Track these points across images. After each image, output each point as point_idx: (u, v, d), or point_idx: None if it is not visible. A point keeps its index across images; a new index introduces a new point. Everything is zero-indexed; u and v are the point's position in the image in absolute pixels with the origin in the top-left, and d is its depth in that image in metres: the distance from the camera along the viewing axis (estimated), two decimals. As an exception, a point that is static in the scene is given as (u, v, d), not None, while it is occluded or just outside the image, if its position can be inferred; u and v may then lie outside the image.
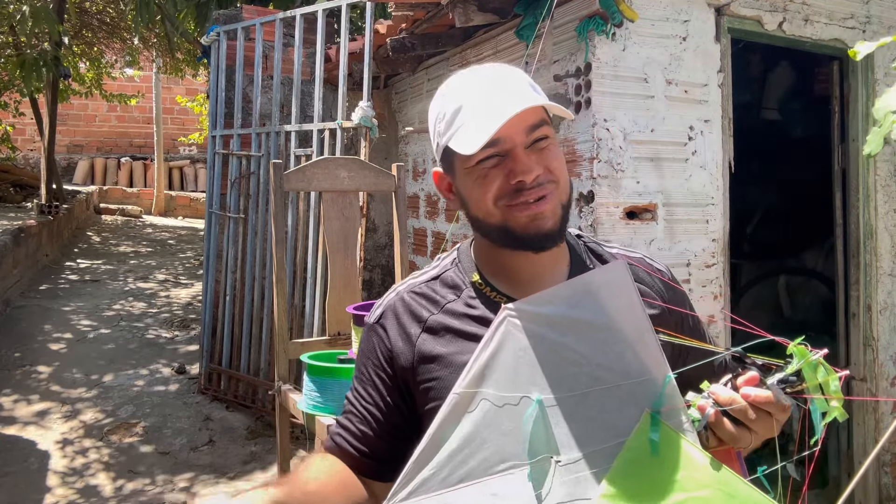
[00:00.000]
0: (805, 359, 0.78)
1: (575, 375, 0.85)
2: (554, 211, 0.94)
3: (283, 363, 2.18)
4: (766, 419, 0.81)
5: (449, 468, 0.83)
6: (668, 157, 2.57)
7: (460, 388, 0.85)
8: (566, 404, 0.84)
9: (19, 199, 8.99)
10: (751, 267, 4.45)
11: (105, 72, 9.85)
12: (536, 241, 0.94)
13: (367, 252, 4.61)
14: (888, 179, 2.99)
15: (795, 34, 2.77)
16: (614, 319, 0.86)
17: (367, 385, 1.03)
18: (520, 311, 0.86)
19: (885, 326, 2.96)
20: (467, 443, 0.83)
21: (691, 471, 0.80)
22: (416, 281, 1.06)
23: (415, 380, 0.98)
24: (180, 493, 3.22)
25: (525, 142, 0.92)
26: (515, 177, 0.91)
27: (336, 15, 3.69)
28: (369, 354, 1.04)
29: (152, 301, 6.15)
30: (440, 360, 0.97)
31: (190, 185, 11.84)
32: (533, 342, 0.85)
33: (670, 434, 0.82)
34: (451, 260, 1.07)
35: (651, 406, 0.83)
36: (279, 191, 2.19)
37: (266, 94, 4.01)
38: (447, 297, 1.01)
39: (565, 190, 0.96)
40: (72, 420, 3.90)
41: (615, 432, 0.83)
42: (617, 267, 0.89)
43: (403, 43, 3.46)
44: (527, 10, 2.72)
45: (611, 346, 0.86)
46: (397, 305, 1.03)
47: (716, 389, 0.84)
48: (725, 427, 0.82)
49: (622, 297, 0.87)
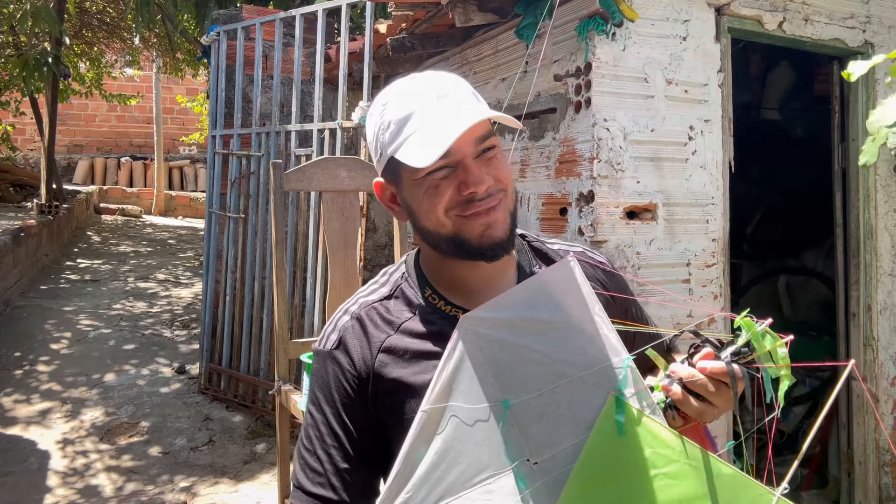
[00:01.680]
0: (752, 330, 0.82)
1: (540, 375, 0.86)
2: (504, 219, 0.94)
3: (283, 363, 2.18)
4: (724, 391, 0.85)
5: (426, 488, 0.82)
6: (668, 157, 2.57)
7: (427, 405, 0.84)
8: (535, 404, 0.85)
9: (19, 198, 8.99)
10: (751, 267, 4.45)
11: (105, 72, 9.85)
12: (489, 251, 0.94)
13: (367, 252, 4.60)
14: (888, 179, 2.99)
15: (795, 34, 2.77)
16: (570, 315, 0.88)
17: (329, 425, 0.97)
18: (477, 320, 0.86)
19: (885, 326, 2.96)
20: (441, 459, 0.83)
21: (659, 447, 0.81)
22: (368, 300, 1.03)
23: (378, 403, 0.96)
24: (180, 493, 3.22)
25: (474, 152, 0.92)
26: (467, 188, 0.91)
27: (336, 15, 3.69)
28: (330, 387, 0.98)
29: (152, 301, 6.15)
30: (401, 381, 0.95)
31: (190, 185, 11.84)
32: (494, 348, 0.86)
33: (635, 414, 0.83)
34: (401, 274, 1.05)
35: (614, 390, 0.85)
36: (279, 191, 2.19)
37: (266, 93, 4.01)
38: (402, 316, 0.99)
39: (512, 198, 0.97)
40: (72, 420, 3.90)
41: (586, 425, 0.84)
42: (566, 264, 0.90)
43: (403, 43, 3.46)
44: (527, 10, 2.72)
45: (570, 341, 0.87)
46: (353, 327, 1.00)
47: (675, 368, 0.88)
48: (690, 403, 0.85)
49: (575, 292, 0.89)
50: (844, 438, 3.01)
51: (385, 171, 0.99)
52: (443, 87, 0.93)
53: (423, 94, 0.92)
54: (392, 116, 0.93)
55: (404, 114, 0.91)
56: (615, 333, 0.88)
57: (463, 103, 0.92)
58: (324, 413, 0.98)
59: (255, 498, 3.18)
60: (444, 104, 0.91)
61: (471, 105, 0.92)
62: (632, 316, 1.13)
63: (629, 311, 1.13)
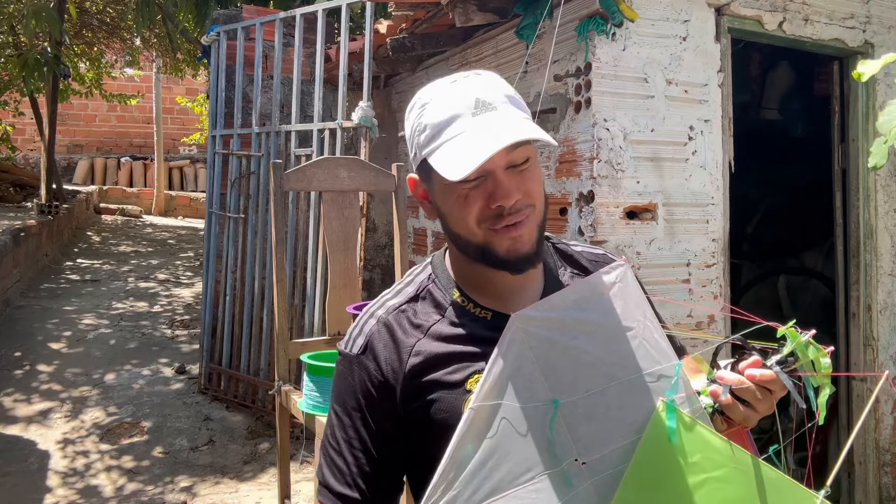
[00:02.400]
0: (797, 340, 0.85)
1: (590, 376, 0.86)
2: (531, 234, 0.94)
3: (283, 363, 2.18)
4: (767, 398, 0.88)
5: (473, 485, 0.82)
6: (668, 157, 2.57)
7: (476, 403, 0.84)
8: (584, 405, 0.85)
9: (19, 198, 8.99)
10: (751, 267, 4.45)
11: (105, 72, 9.85)
12: (515, 265, 0.95)
13: (367, 252, 4.60)
14: (888, 179, 2.99)
15: (795, 34, 2.77)
16: (622, 318, 0.89)
17: (356, 429, 0.97)
18: (528, 319, 0.86)
19: (885, 326, 2.96)
20: (489, 456, 0.83)
21: (708, 452, 0.84)
22: (394, 303, 1.02)
23: (407, 407, 0.95)
24: (180, 493, 3.22)
25: (505, 164, 0.91)
26: (496, 201, 0.91)
27: (336, 15, 3.69)
28: (357, 392, 0.98)
29: (152, 301, 6.15)
30: (431, 385, 0.94)
31: (190, 185, 11.84)
32: (545, 347, 0.86)
33: (685, 420, 0.85)
34: (427, 276, 1.05)
35: (665, 395, 0.87)
36: (279, 191, 2.19)
37: (266, 93, 4.01)
38: (431, 319, 0.98)
39: (541, 212, 0.96)
40: (72, 420, 3.90)
41: (636, 427, 0.86)
42: (620, 268, 0.91)
43: (403, 43, 3.46)
44: (527, 10, 2.72)
45: (622, 343, 0.88)
46: (380, 332, 0.99)
47: (722, 374, 0.90)
48: (737, 409, 0.88)
49: (627, 295, 0.90)
50: (844, 438, 3.01)
51: (419, 169, 0.98)
52: (485, 94, 0.91)
53: (463, 102, 0.91)
54: (429, 119, 0.92)
55: (441, 119, 0.91)
56: (665, 338, 0.89)
57: (501, 117, 0.90)
58: (350, 416, 0.98)
59: (255, 498, 3.18)
60: (483, 117, 0.90)
61: (509, 119, 0.91)
62: None
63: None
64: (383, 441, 0.97)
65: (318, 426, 1.87)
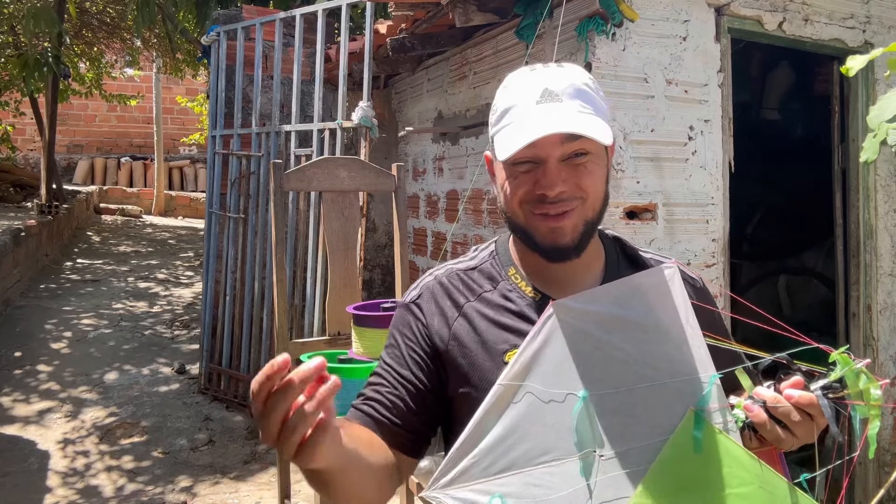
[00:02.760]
0: (849, 366, 0.80)
1: (621, 373, 0.86)
2: (575, 227, 0.95)
3: (283, 363, 2.17)
4: (807, 423, 0.83)
5: (491, 457, 0.84)
6: (668, 157, 2.57)
7: (505, 380, 0.86)
8: (611, 400, 0.86)
9: (19, 199, 8.98)
10: (751, 267, 4.45)
11: (105, 72, 9.85)
12: (551, 253, 0.97)
13: (367, 252, 4.61)
14: (888, 179, 2.99)
15: (795, 34, 2.77)
16: (662, 321, 0.88)
17: (399, 358, 1.04)
18: (567, 308, 0.87)
19: (885, 326, 2.96)
20: (510, 433, 0.84)
21: (734, 468, 0.82)
22: (455, 267, 1.08)
23: (447, 361, 1.01)
24: (180, 493, 3.22)
25: (560, 154, 0.93)
26: (539, 188, 0.93)
27: (336, 15, 3.69)
28: (404, 329, 1.05)
29: (153, 301, 6.15)
30: (474, 346, 0.99)
31: (190, 185, 11.83)
32: (579, 338, 0.87)
33: (714, 432, 0.84)
34: (489, 252, 1.09)
35: (695, 405, 0.85)
36: (279, 191, 2.19)
37: (266, 94, 4.01)
38: (484, 287, 1.04)
39: (594, 206, 0.96)
40: (72, 420, 3.90)
41: (660, 430, 0.85)
42: (667, 270, 0.91)
43: (403, 43, 3.46)
44: (527, 10, 2.72)
45: (658, 345, 0.87)
46: (435, 288, 1.06)
47: (760, 391, 0.86)
48: (770, 428, 0.84)
49: (670, 299, 0.89)
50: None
51: (492, 147, 1.02)
52: (554, 85, 0.94)
53: (531, 90, 0.94)
54: (500, 103, 0.98)
55: (509, 104, 0.96)
56: (705, 348, 0.87)
57: (561, 108, 0.92)
58: (398, 345, 1.05)
59: (255, 498, 3.18)
60: (545, 106, 0.92)
61: (565, 111, 0.92)
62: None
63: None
64: (418, 371, 1.02)
65: (318, 426, 1.87)
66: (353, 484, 0.88)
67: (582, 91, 0.95)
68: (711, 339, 0.88)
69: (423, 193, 4.25)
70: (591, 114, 0.93)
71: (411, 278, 1.77)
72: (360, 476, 0.89)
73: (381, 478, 0.94)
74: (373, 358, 1.85)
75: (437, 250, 3.94)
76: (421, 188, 4.28)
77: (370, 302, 2.03)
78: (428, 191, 4.17)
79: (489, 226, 3.34)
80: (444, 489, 0.84)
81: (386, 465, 0.96)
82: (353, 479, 0.87)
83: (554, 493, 0.83)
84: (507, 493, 0.83)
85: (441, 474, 0.85)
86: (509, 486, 0.83)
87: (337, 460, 0.79)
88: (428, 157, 4.16)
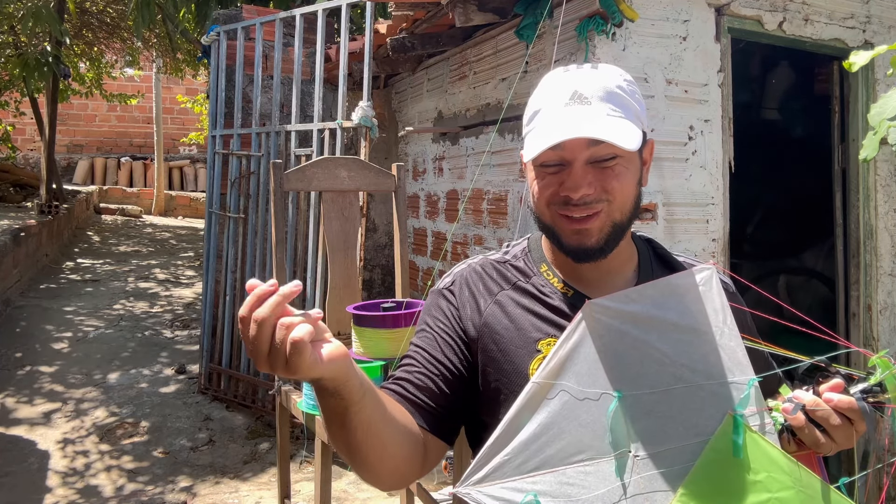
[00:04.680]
0: (889, 370, 0.79)
1: (657, 373, 0.86)
2: (601, 229, 0.95)
3: (284, 363, 2.17)
4: (846, 427, 0.83)
5: (524, 455, 0.83)
6: (669, 157, 2.57)
7: (540, 378, 0.85)
8: (646, 401, 0.85)
9: (19, 199, 8.98)
10: (751, 267, 4.45)
11: (105, 72, 9.85)
12: (577, 253, 0.97)
13: (367, 252, 4.61)
14: (888, 179, 2.99)
15: (795, 34, 2.77)
16: (700, 322, 0.87)
17: (431, 341, 1.04)
18: (603, 307, 0.87)
19: (885, 326, 2.96)
20: (544, 432, 0.84)
21: (774, 472, 0.81)
22: (488, 258, 1.10)
23: (479, 348, 1.01)
24: (180, 493, 3.22)
25: (587, 157, 0.93)
26: (564, 190, 0.94)
27: (336, 15, 3.69)
28: (437, 314, 1.06)
29: (153, 301, 6.15)
30: (505, 332, 1.00)
31: (190, 185, 11.83)
32: (615, 338, 0.86)
33: (753, 436, 0.83)
34: (522, 249, 1.10)
35: (734, 408, 0.84)
36: (279, 191, 2.19)
37: (266, 93, 4.01)
38: (517, 278, 1.05)
39: (621, 209, 0.96)
40: (72, 420, 3.90)
41: (695, 431, 0.84)
42: (706, 272, 0.90)
43: (403, 43, 3.46)
44: (527, 10, 2.72)
45: (695, 347, 0.87)
46: (469, 275, 1.07)
47: (799, 393, 0.86)
48: (809, 431, 0.84)
49: (708, 300, 0.88)
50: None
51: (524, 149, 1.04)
52: (584, 88, 0.94)
53: (561, 92, 0.95)
54: (533, 104, 0.99)
55: (538, 107, 0.97)
56: (743, 350, 0.87)
57: (588, 112, 0.92)
58: (430, 329, 1.05)
59: (255, 498, 3.18)
60: (573, 109, 0.93)
61: (591, 115, 0.92)
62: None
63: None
64: (454, 363, 1.01)
65: (317, 426, 1.87)
66: (379, 434, 0.86)
67: (613, 94, 0.94)
68: (750, 341, 0.88)
69: (423, 193, 4.26)
70: (621, 117, 0.93)
71: (411, 278, 1.77)
72: (385, 427, 0.87)
73: (408, 441, 0.92)
74: (373, 358, 1.85)
75: (438, 250, 3.95)
76: (421, 188, 4.28)
77: (370, 302, 2.03)
78: (428, 191, 4.17)
79: (489, 226, 3.34)
80: (476, 486, 0.83)
81: (413, 432, 0.94)
82: (379, 428, 0.85)
83: (588, 492, 0.82)
84: (541, 492, 0.82)
85: (473, 471, 0.84)
86: (543, 484, 0.83)
87: (350, 380, 0.79)
88: (428, 157, 4.16)
